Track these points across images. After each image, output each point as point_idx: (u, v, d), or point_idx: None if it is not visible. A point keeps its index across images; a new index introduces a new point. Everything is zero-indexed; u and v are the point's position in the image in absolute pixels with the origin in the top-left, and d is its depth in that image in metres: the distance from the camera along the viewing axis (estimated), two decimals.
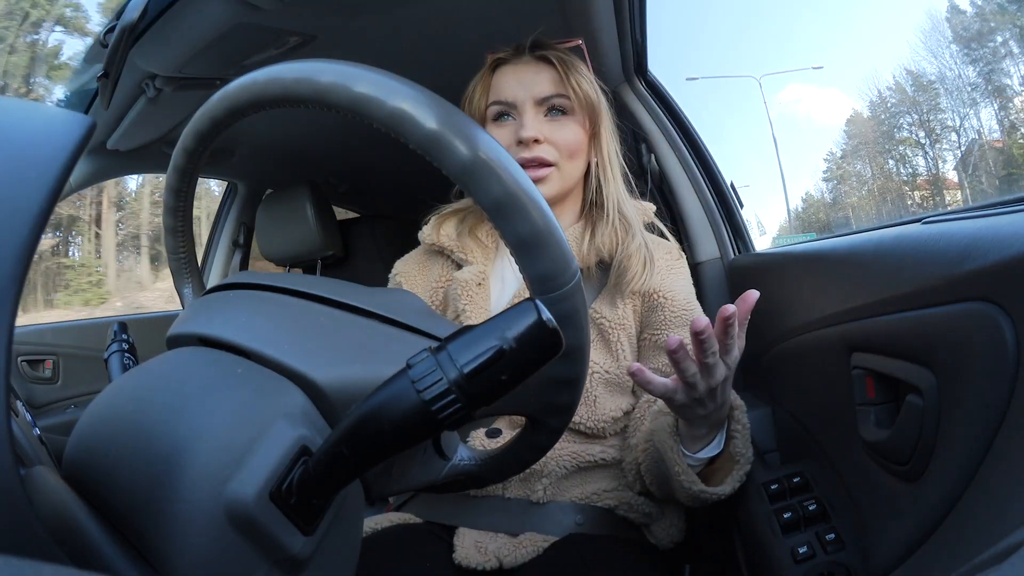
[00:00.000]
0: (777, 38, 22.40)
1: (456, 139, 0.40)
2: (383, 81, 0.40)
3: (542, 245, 0.42)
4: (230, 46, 1.12)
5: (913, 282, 0.58)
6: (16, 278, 0.27)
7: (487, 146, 0.40)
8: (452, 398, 0.33)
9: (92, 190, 6.83)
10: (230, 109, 0.47)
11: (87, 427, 0.39)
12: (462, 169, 0.40)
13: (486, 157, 0.40)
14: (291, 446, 0.37)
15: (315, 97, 0.42)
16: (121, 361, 0.60)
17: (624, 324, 0.92)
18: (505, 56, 0.97)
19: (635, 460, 0.86)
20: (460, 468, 0.57)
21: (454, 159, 0.40)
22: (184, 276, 0.64)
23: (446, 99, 0.42)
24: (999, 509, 0.44)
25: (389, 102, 0.40)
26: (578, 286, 0.45)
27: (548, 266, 0.43)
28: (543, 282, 0.43)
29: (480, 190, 0.41)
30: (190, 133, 0.51)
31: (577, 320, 0.45)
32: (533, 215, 0.41)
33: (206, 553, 0.34)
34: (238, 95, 0.46)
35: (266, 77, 0.44)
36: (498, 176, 0.40)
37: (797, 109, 16.75)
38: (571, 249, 0.44)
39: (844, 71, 15.66)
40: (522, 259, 0.43)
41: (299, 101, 0.43)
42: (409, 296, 0.57)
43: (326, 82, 0.41)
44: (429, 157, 0.40)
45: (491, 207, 0.41)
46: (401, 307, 0.51)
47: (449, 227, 1.01)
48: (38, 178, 0.29)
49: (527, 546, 0.81)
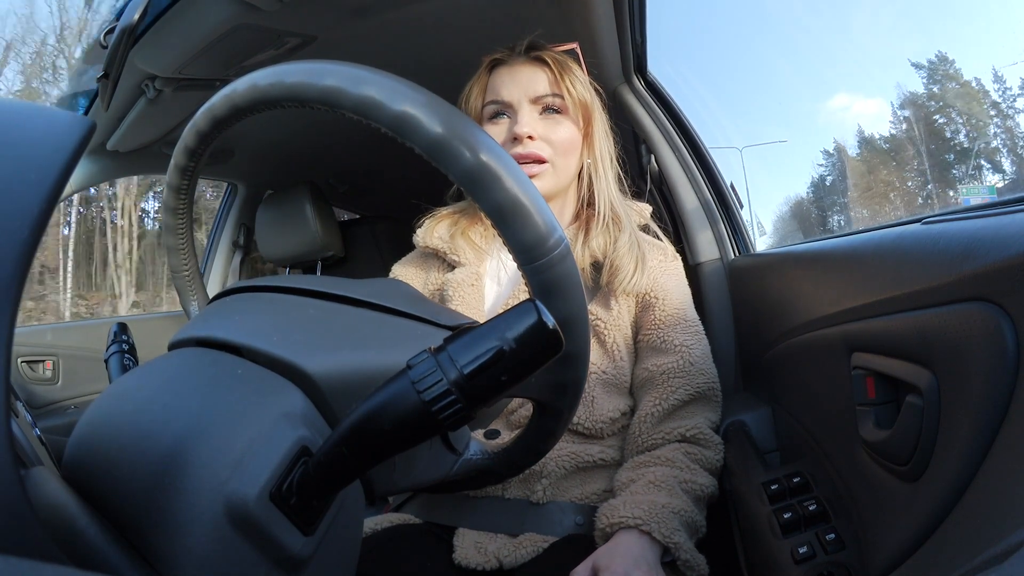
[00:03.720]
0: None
1: (461, 144, 0.40)
2: (387, 84, 0.40)
3: (522, 213, 0.42)
4: (230, 47, 1.12)
5: (913, 282, 0.58)
6: (16, 279, 0.27)
7: (491, 151, 0.41)
8: (452, 399, 0.33)
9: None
10: (234, 108, 0.47)
11: (87, 428, 0.39)
12: (466, 174, 0.40)
13: (489, 161, 0.40)
14: (291, 446, 0.37)
15: (319, 99, 0.42)
16: (121, 362, 0.60)
17: (619, 325, 0.93)
18: (501, 57, 0.98)
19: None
20: (473, 463, 0.56)
21: (459, 164, 0.40)
22: (190, 294, 0.65)
23: (446, 100, 0.42)
24: (1000, 509, 0.44)
25: (394, 106, 0.40)
26: (564, 255, 0.44)
27: (529, 234, 0.42)
28: (525, 251, 0.43)
29: (484, 195, 0.41)
30: (191, 131, 0.52)
31: (568, 289, 0.45)
32: (507, 184, 0.41)
33: (206, 553, 0.34)
34: (241, 95, 0.46)
35: (269, 78, 0.44)
36: (502, 181, 0.41)
37: (845, 116, 16.83)
38: (554, 217, 0.44)
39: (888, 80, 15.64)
40: (502, 229, 0.43)
41: (303, 102, 0.43)
42: (397, 283, 0.57)
43: (330, 84, 0.41)
44: (434, 161, 0.41)
45: (493, 211, 0.42)
46: (389, 294, 0.52)
47: (442, 229, 1.01)
48: (38, 179, 0.29)
49: (527, 546, 0.81)
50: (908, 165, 3.60)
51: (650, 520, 0.75)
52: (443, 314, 0.53)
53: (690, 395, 0.90)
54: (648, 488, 0.80)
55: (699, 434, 0.88)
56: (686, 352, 0.92)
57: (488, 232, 1.02)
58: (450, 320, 0.52)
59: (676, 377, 0.90)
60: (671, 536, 0.74)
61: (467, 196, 0.42)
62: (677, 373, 0.90)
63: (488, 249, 1.01)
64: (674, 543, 0.74)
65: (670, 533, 0.75)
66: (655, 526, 0.74)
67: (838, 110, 16.49)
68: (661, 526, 0.75)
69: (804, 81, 20.15)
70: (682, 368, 0.90)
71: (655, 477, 0.81)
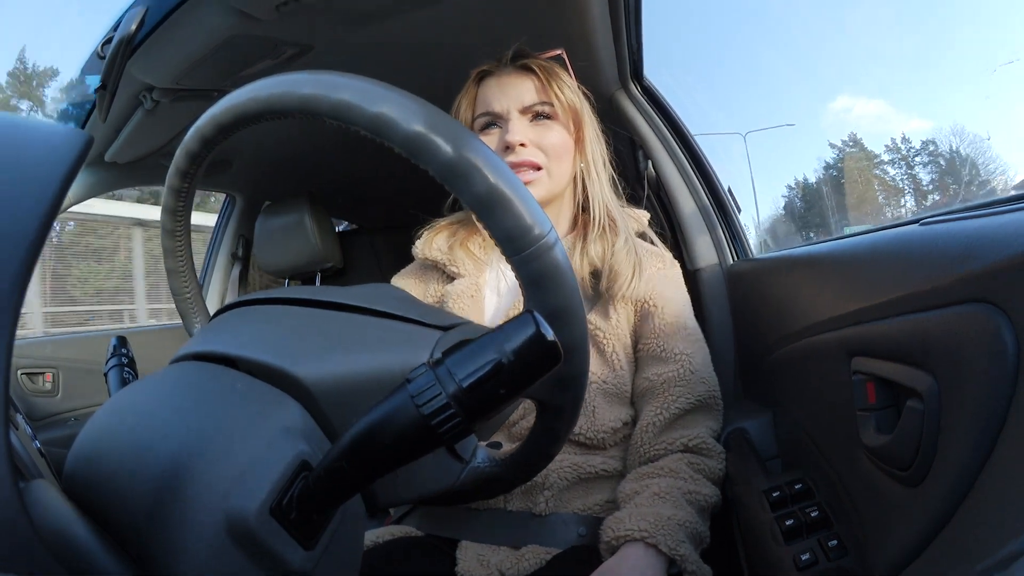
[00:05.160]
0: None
1: (438, 138, 0.40)
2: (362, 87, 0.41)
3: (504, 202, 0.42)
4: (227, 57, 1.12)
5: (912, 284, 0.58)
6: (16, 292, 0.27)
7: (469, 143, 0.41)
8: (451, 412, 0.33)
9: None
10: (218, 125, 0.48)
11: (87, 441, 0.39)
12: (446, 167, 0.41)
13: (468, 153, 0.41)
14: (291, 461, 0.37)
15: (299, 108, 0.42)
16: (120, 375, 0.60)
17: (618, 334, 0.93)
18: (489, 68, 0.99)
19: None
20: (480, 471, 0.55)
21: (438, 158, 0.40)
22: (193, 316, 0.65)
23: (443, 109, 0.42)
24: (1002, 514, 0.43)
25: (370, 107, 0.40)
26: (551, 243, 0.43)
27: (512, 223, 0.42)
28: (511, 241, 0.43)
29: (465, 187, 0.41)
30: (182, 154, 0.53)
31: (558, 278, 0.44)
32: (487, 174, 0.41)
33: (206, 567, 0.34)
34: (224, 112, 0.47)
35: (248, 94, 0.45)
36: (481, 172, 0.41)
37: (847, 119, 16.85)
38: (539, 207, 0.43)
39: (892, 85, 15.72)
40: (486, 220, 0.42)
41: (283, 113, 0.44)
42: (388, 288, 0.57)
43: (307, 93, 0.42)
44: (413, 158, 0.41)
45: (475, 202, 0.42)
46: (379, 297, 0.52)
47: (440, 240, 1.02)
48: (37, 193, 0.29)
49: (529, 559, 0.81)
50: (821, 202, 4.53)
51: (656, 532, 0.74)
52: (433, 314, 0.53)
53: (691, 404, 0.89)
54: (653, 500, 0.80)
55: (701, 444, 0.87)
56: (686, 361, 0.91)
57: (487, 243, 1.02)
58: (440, 320, 0.52)
59: (677, 386, 0.90)
60: (677, 548, 0.74)
61: (449, 190, 0.42)
62: (678, 382, 0.90)
63: (487, 260, 1.01)
64: (680, 555, 0.74)
65: (676, 545, 0.74)
66: (661, 538, 0.74)
67: (841, 111, 16.57)
68: (667, 538, 0.74)
69: (805, 81, 20.16)
70: (682, 377, 0.90)
71: (659, 489, 0.81)
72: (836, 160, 5.22)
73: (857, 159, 5.32)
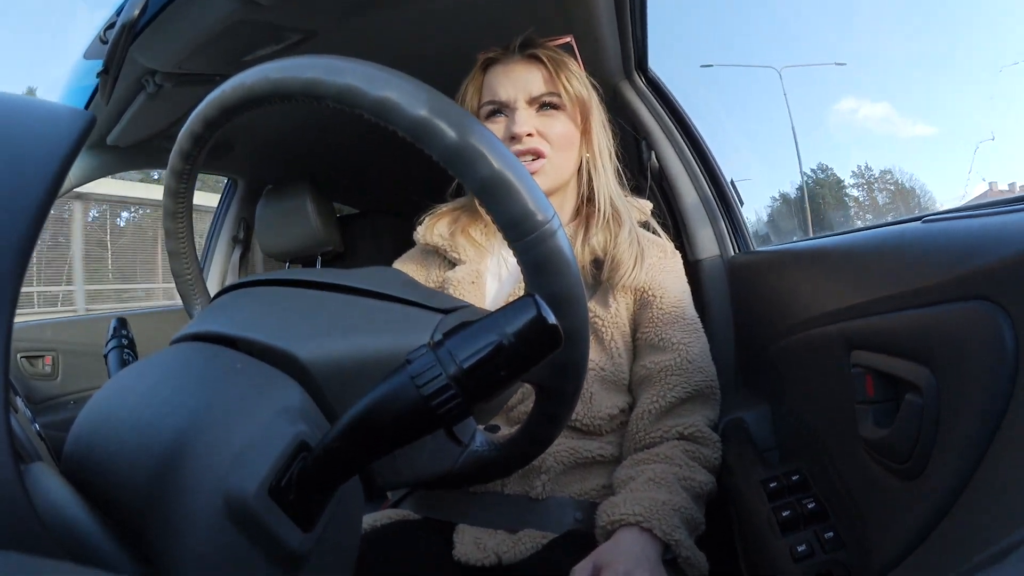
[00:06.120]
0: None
1: (443, 123, 0.40)
2: (366, 71, 0.41)
3: (507, 187, 0.42)
4: (230, 42, 1.12)
5: (913, 280, 0.58)
6: (15, 274, 0.27)
7: (474, 128, 0.41)
8: (451, 393, 0.34)
9: None
10: (222, 107, 0.48)
11: (86, 423, 0.39)
12: (450, 151, 0.41)
13: (472, 138, 0.41)
14: (290, 441, 0.37)
15: (304, 91, 0.42)
16: (120, 357, 0.60)
17: (617, 322, 0.93)
18: (495, 55, 0.98)
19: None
20: (478, 455, 0.55)
21: (442, 142, 0.40)
22: (193, 298, 0.65)
23: (448, 95, 0.42)
24: (999, 507, 0.44)
25: (374, 92, 0.40)
26: (554, 229, 0.43)
27: (516, 208, 0.42)
28: (514, 227, 0.43)
29: (468, 172, 0.41)
30: (185, 135, 0.52)
31: (561, 264, 0.44)
32: (491, 159, 0.41)
33: (205, 548, 0.34)
34: (229, 95, 0.47)
35: (254, 76, 0.45)
36: (486, 157, 0.41)
37: (853, 119, 16.82)
38: (542, 193, 0.44)
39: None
40: (489, 205, 0.42)
41: (288, 96, 0.44)
42: (389, 271, 0.57)
43: (312, 76, 0.42)
44: (418, 143, 0.41)
45: (478, 187, 0.42)
46: (381, 280, 0.52)
47: (442, 226, 1.01)
48: (37, 173, 0.29)
49: (526, 543, 0.82)
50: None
51: (651, 517, 0.75)
52: (435, 297, 0.53)
53: (688, 393, 0.90)
54: (648, 485, 0.80)
55: (697, 432, 0.88)
56: (684, 350, 0.92)
57: (489, 229, 1.02)
58: (442, 303, 0.52)
59: (674, 375, 0.90)
60: (672, 533, 0.75)
61: (453, 175, 0.42)
62: (675, 371, 0.90)
63: (489, 247, 1.01)
64: (675, 540, 0.75)
65: (671, 530, 0.75)
66: (656, 523, 0.75)
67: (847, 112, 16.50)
68: (662, 523, 0.75)
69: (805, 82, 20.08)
70: (680, 366, 0.91)
71: (654, 474, 0.81)
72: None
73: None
